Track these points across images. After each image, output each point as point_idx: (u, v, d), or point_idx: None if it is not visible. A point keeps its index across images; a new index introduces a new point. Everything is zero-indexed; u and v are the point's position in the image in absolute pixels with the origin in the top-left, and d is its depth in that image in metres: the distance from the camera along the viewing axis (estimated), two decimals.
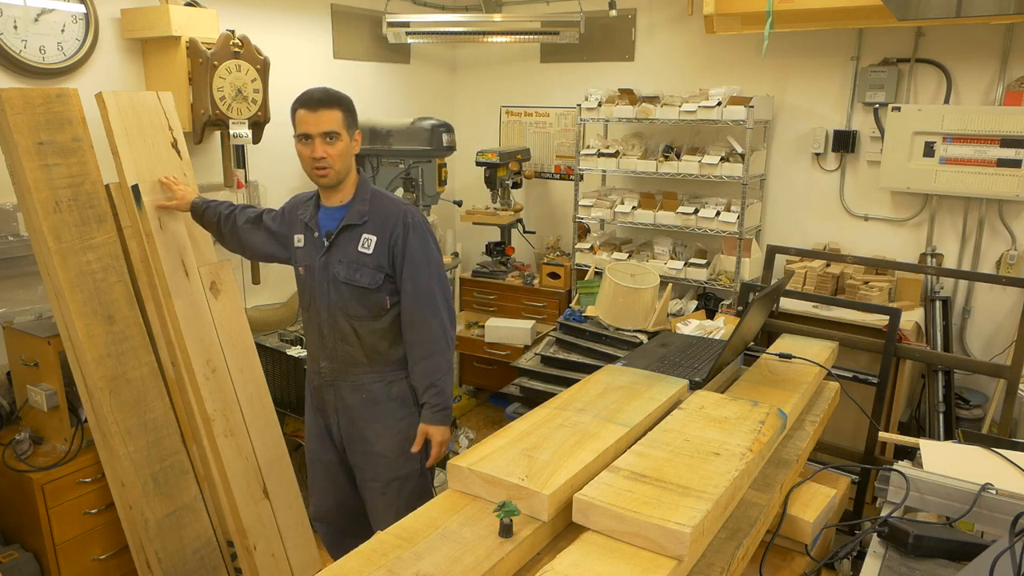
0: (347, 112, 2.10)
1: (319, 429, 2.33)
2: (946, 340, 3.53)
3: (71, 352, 2.38)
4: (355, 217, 2.14)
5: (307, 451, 2.41)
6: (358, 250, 2.13)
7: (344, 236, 2.15)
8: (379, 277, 2.13)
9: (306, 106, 2.06)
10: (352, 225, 2.14)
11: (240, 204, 2.46)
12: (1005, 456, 1.66)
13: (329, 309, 2.18)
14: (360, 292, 2.14)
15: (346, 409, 2.24)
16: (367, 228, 2.14)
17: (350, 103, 2.12)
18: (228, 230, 2.41)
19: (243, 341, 2.69)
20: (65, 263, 2.30)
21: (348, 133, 2.10)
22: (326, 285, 2.17)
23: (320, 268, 2.17)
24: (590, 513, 1.29)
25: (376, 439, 2.22)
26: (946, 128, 3.42)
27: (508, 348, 4.13)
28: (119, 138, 2.46)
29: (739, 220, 3.75)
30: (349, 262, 2.13)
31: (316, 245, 2.19)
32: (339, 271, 2.14)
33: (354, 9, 4.12)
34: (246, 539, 2.57)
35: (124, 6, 2.97)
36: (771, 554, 1.63)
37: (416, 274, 2.13)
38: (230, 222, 2.40)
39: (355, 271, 2.13)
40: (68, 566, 2.49)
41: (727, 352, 2.00)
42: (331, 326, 2.19)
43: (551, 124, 4.73)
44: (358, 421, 2.23)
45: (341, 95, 2.11)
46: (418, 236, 2.14)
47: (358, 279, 2.13)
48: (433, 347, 2.16)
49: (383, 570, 1.19)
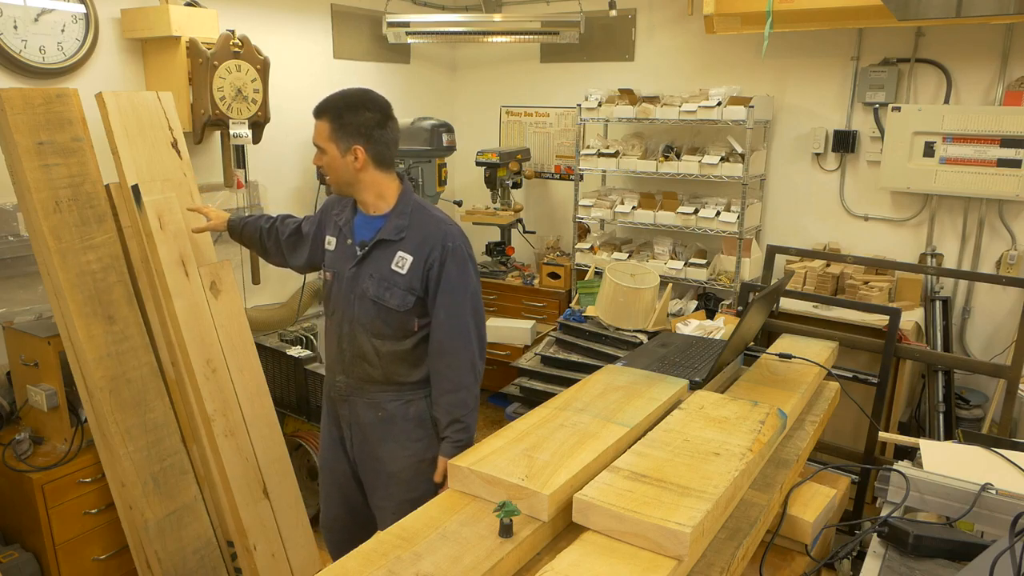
0: (336, 124, 1.94)
1: (333, 439, 2.22)
2: (946, 340, 3.53)
3: (71, 352, 2.38)
4: (392, 232, 2.00)
5: (320, 458, 2.32)
6: (391, 268, 1.99)
7: (378, 250, 2.01)
8: (409, 299, 1.99)
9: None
10: (387, 240, 2.00)
11: (278, 216, 2.35)
12: (1005, 456, 1.66)
13: (351, 323, 2.05)
14: (387, 312, 2.01)
15: (360, 426, 2.12)
16: (403, 245, 1.99)
17: (343, 112, 1.94)
18: (272, 245, 2.32)
19: (243, 341, 2.69)
20: (65, 263, 2.30)
21: (338, 147, 1.95)
22: (351, 298, 2.04)
23: (349, 279, 2.04)
24: (590, 513, 1.29)
25: (390, 459, 2.10)
26: (946, 128, 3.42)
27: (508, 348, 4.13)
28: (119, 138, 2.46)
29: (739, 220, 3.75)
30: (380, 279, 2.00)
31: (348, 253, 2.06)
32: (368, 287, 2.00)
33: (354, 9, 4.12)
34: (246, 539, 2.57)
35: (124, 6, 2.97)
36: (771, 554, 1.63)
37: (451, 302, 1.99)
38: (272, 237, 2.30)
39: (385, 290, 1.99)
40: (68, 566, 2.49)
41: (727, 352, 2.00)
42: (350, 341, 2.07)
43: (551, 124, 4.73)
44: (372, 439, 2.11)
45: (335, 104, 1.96)
46: (457, 263, 1.99)
47: (387, 299, 1.99)
48: (461, 381, 2.01)
49: (383, 570, 1.19)
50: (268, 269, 3.56)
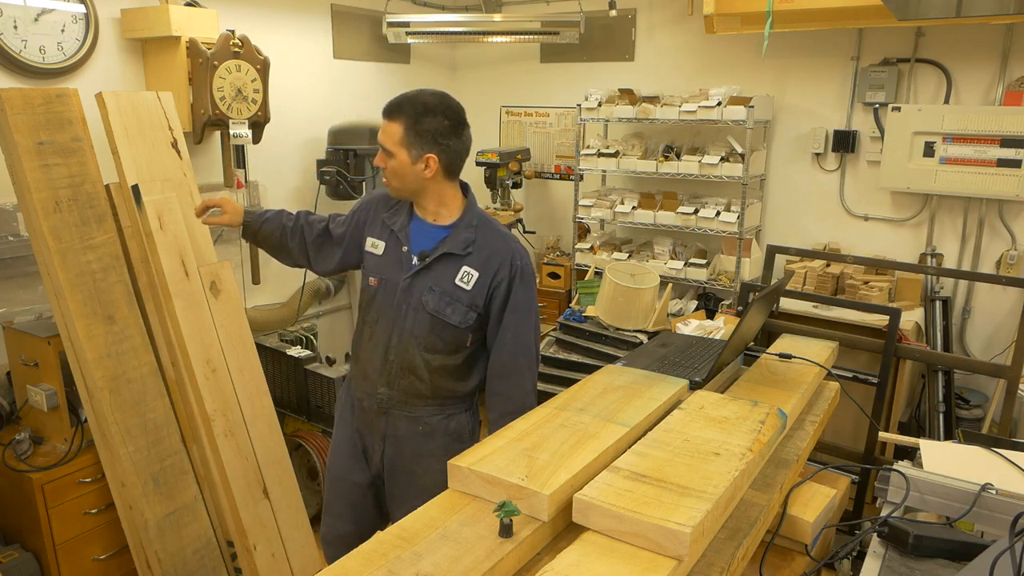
0: (410, 127, 1.82)
1: (352, 448, 2.09)
2: (946, 340, 3.53)
3: (71, 352, 2.38)
4: (458, 245, 1.91)
5: (330, 468, 2.17)
6: (455, 283, 1.90)
7: (441, 263, 1.91)
8: (471, 316, 1.92)
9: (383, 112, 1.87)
10: (453, 254, 1.91)
11: (300, 212, 2.17)
12: (1005, 456, 1.66)
13: (401, 335, 1.95)
14: (445, 327, 1.92)
15: (396, 439, 2.02)
16: (470, 261, 1.90)
17: (420, 117, 1.82)
18: (296, 245, 2.13)
19: (243, 341, 2.69)
20: (65, 263, 2.30)
21: (408, 153, 1.84)
22: (405, 308, 1.93)
23: (403, 289, 1.93)
24: (590, 513, 1.29)
25: (424, 473, 2.00)
26: (946, 128, 3.42)
27: None
28: (119, 138, 2.46)
29: (739, 220, 3.75)
30: (441, 293, 1.90)
31: (402, 260, 1.94)
32: (428, 300, 1.91)
33: (354, 9, 4.12)
34: (246, 539, 2.57)
35: (124, 6, 2.97)
36: (771, 554, 1.63)
37: (518, 322, 1.93)
38: (297, 236, 2.12)
39: (447, 305, 1.90)
40: (68, 566, 2.49)
41: (727, 352, 2.00)
42: (399, 353, 1.96)
43: (551, 124, 4.73)
44: (407, 453, 2.02)
45: (412, 107, 1.83)
46: (525, 284, 1.93)
47: (449, 314, 1.91)
48: (523, 403, 1.90)
49: (383, 570, 1.19)
50: (268, 269, 3.56)
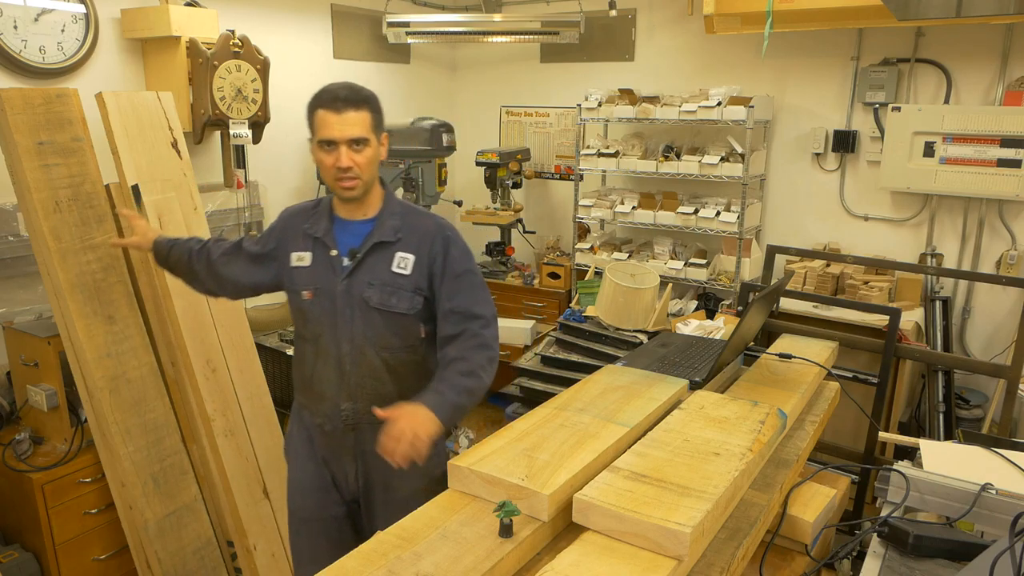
0: (375, 113, 1.83)
1: (319, 482, 1.99)
2: (946, 340, 3.53)
3: (71, 352, 2.38)
4: (388, 233, 1.87)
5: (295, 512, 2.04)
6: (392, 271, 1.86)
7: (374, 255, 1.87)
8: (418, 301, 1.87)
9: (329, 106, 1.76)
10: (385, 243, 1.87)
11: (212, 238, 2.14)
12: (1005, 456, 1.66)
13: (353, 341, 1.88)
14: (394, 319, 1.87)
15: (367, 454, 1.94)
16: (402, 246, 1.87)
17: (378, 102, 1.85)
18: (203, 267, 2.06)
19: (243, 341, 2.69)
20: (65, 263, 2.30)
21: (376, 137, 1.83)
22: (349, 312, 1.87)
23: (342, 293, 1.87)
24: (590, 513, 1.29)
25: (400, 483, 1.94)
26: (946, 128, 3.42)
27: (508, 348, 4.13)
28: (119, 138, 2.46)
29: (739, 220, 3.75)
30: (382, 285, 1.86)
31: (333, 265, 1.89)
32: (371, 295, 1.85)
33: (354, 9, 4.12)
34: (246, 539, 2.57)
35: (124, 6, 2.97)
36: (771, 554, 1.63)
37: (461, 286, 1.88)
38: (203, 258, 2.06)
39: (390, 295, 1.86)
40: (68, 566, 2.49)
41: (727, 352, 2.00)
42: (355, 361, 1.89)
43: (551, 124, 4.73)
44: (382, 466, 1.87)
45: (369, 93, 1.83)
46: (460, 249, 1.90)
47: (395, 304, 1.86)
48: (477, 361, 1.82)
49: (383, 570, 1.19)
50: None
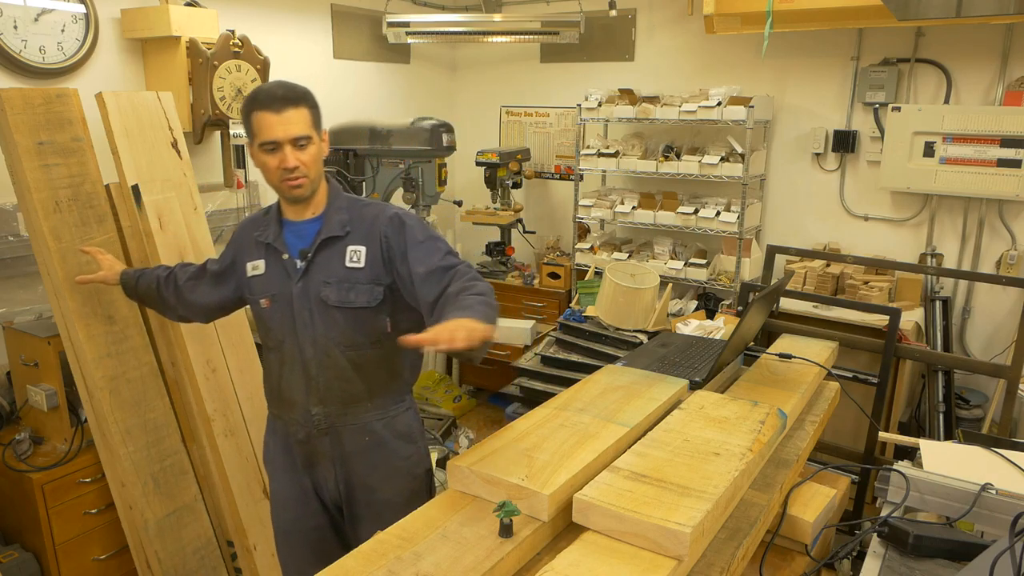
0: (314, 109, 1.79)
1: (301, 492, 1.96)
2: (946, 340, 3.53)
3: (71, 352, 2.38)
4: (336, 228, 1.81)
5: (279, 525, 2.01)
6: (346, 266, 1.80)
7: (325, 253, 1.82)
8: (378, 292, 1.80)
9: (267, 107, 1.71)
10: (333, 238, 1.81)
11: (177, 264, 2.13)
12: (1005, 456, 1.66)
13: (316, 343, 1.82)
14: (356, 316, 1.82)
15: (345, 458, 1.90)
16: (352, 239, 1.81)
17: (315, 98, 1.81)
18: (171, 294, 2.04)
19: (243, 341, 2.69)
20: (65, 263, 2.30)
21: (318, 133, 1.79)
22: (308, 314, 1.82)
23: (299, 295, 1.82)
24: (590, 513, 1.29)
25: (381, 485, 1.91)
26: (946, 128, 3.42)
27: (508, 348, 4.13)
28: (119, 138, 2.46)
29: (739, 220, 3.75)
30: (338, 282, 1.80)
31: (287, 269, 1.84)
32: (328, 294, 1.80)
33: (354, 9, 4.12)
34: (246, 539, 2.57)
35: (124, 6, 2.97)
36: (771, 554, 1.63)
37: (426, 250, 1.78)
38: (171, 285, 2.04)
39: (348, 291, 1.80)
40: (68, 566, 2.49)
41: (727, 352, 2.00)
42: (321, 363, 1.83)
43: (551, 124, 4.73)
44: (361, 469, 1.91)
45: (305, 89, 1.79)
46: (415, 222, 1.83)
47: (353, 299, 1.80)
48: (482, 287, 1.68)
49: (383, 570, 1.19)
50: None
